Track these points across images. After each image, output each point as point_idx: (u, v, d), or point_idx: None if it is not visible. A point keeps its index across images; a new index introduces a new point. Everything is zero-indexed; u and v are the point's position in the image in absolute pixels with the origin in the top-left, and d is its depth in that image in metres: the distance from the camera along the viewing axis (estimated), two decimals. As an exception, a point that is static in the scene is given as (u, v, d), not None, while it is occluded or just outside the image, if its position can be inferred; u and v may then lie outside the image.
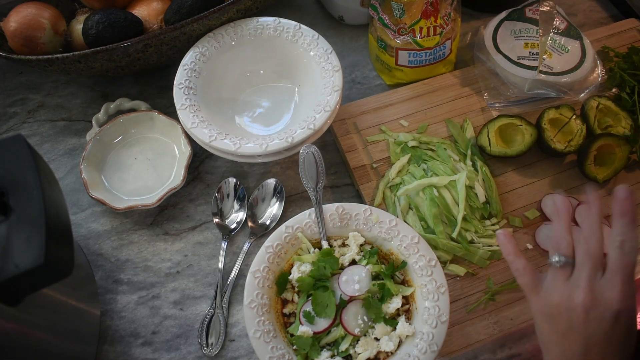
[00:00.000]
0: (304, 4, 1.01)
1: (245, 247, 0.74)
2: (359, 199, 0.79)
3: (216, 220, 0.76)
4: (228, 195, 0.78)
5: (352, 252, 0.67)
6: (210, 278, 0.74)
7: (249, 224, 0.76)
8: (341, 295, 0.63)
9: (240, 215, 0.77)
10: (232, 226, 0.76)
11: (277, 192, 0.78)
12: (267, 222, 0.76)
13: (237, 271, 0.73)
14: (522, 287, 0.54)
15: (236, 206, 0.78)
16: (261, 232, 0.76)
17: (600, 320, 0.48)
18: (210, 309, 0.71)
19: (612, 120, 0.80)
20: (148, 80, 0.91)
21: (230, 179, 0.79)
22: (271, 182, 0.78)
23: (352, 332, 0.62)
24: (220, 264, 0.73)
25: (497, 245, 0.72)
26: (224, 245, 0.74)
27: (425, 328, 0.62)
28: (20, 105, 0.90)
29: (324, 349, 0.62)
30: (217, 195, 0.78)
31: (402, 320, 0.63)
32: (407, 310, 0.65)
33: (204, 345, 0.68)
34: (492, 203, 0.75)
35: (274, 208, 0.78)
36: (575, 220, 0.74)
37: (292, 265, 0.67)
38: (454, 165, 0.77)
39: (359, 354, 0.61)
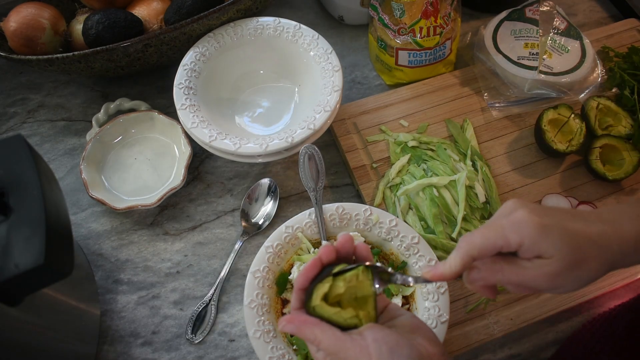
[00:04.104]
0: (304, 4, 1.01)
1: (237, 246, 0.74)
2: (359, 199, 0.79)
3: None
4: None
5: (352, 252, 0.67)
6: (210, 278, 0.73)
7: (242, 223, 0.76)
8: (341, 295, 0.63)
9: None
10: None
11: (271, 192, 0.78)
12: (260, 222, 0.76)
13: (227, 270, 0.73)
14: None
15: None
16: (254, 232, 0.76)
17: None
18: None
19: (612, 120, 0.80)
20: (148, 80, 0.91)
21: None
22: (265, 181, 0.78)
23: (352, 332, 0.62)
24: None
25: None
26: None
27: (425, 328, 0.62)
28: (20, 105, 0.90)
29: (324, 349, 0.62)
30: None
31: (402, 320, 0.63)
32: (407, 310, 0.65)
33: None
34: (492, 203, 0.75)
35: (268, 207, 0.77)
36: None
37: (292, 265, 0.67)
38: (454, 165, 0.77)
39: (359, 354, 0.61)
